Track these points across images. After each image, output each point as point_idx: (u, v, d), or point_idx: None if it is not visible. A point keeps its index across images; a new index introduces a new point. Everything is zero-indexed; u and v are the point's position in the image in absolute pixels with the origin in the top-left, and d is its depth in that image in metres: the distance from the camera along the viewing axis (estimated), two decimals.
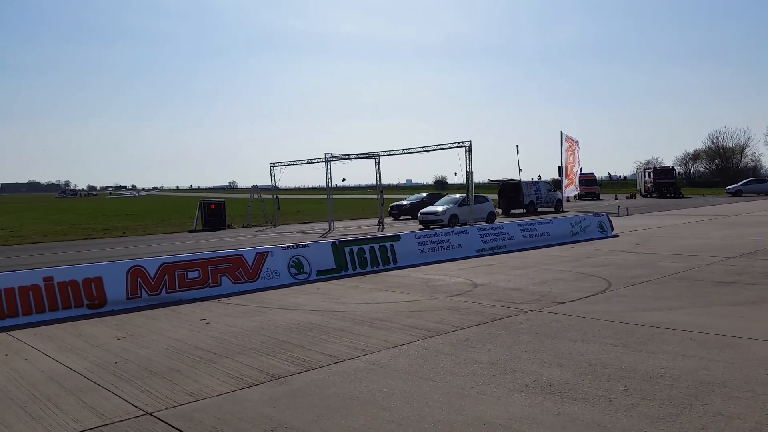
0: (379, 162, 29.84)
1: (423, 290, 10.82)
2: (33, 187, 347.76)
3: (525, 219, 20.01)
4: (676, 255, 14.21)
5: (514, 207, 37.25)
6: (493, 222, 25.36)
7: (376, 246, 14.07)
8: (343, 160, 30.70)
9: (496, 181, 43.76)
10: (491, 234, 16.77)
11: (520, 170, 57.85)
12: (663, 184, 56.16)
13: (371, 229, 26.89)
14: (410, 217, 32.54)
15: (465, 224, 24.25)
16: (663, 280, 10.80)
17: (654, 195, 55.97)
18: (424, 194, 36.18)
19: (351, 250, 13.52)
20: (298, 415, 4.96)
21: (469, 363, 6.21)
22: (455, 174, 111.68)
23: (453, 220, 26.14)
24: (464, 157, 24.92)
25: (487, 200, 29.45)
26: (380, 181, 30.69)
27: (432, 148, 27.00)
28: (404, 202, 35.42)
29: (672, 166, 63.84)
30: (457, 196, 29.27)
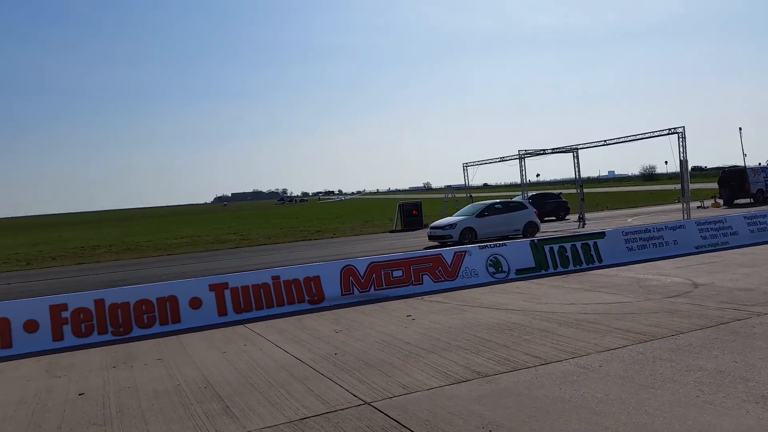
0: (577, 155, 28.54)
1: (634, 290, 10.14)
2: (256, 195, 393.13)
3: (752, 210, 17.73)
4: None
5: (739, 197, 33.22)
6: (533, 236, 20.10)
7: (578, 244, 13.50)
8: (537, 156, 29.90)
9: (717, 168, 39.33)
10: (711, 229, 15.15)
11: (744, 155, 51.30)
12: None
13: (571, 226, 25.85)
14: None
15: (499, 239, 19.40)
16: None
17: None
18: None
19: (551, 248, 13.15)
20: (509, 415, 4.98)
21: (693, 370, 5.71)
22: (665, 162, 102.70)
23: (467, 234, 20.99)
24: (677, 145, 22.82)
25: (525, 207, 22.88)
26: (579, 175, 29.31)
27: (638, 137, 25.06)
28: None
29: None
30: (488, 202, 22.98)
